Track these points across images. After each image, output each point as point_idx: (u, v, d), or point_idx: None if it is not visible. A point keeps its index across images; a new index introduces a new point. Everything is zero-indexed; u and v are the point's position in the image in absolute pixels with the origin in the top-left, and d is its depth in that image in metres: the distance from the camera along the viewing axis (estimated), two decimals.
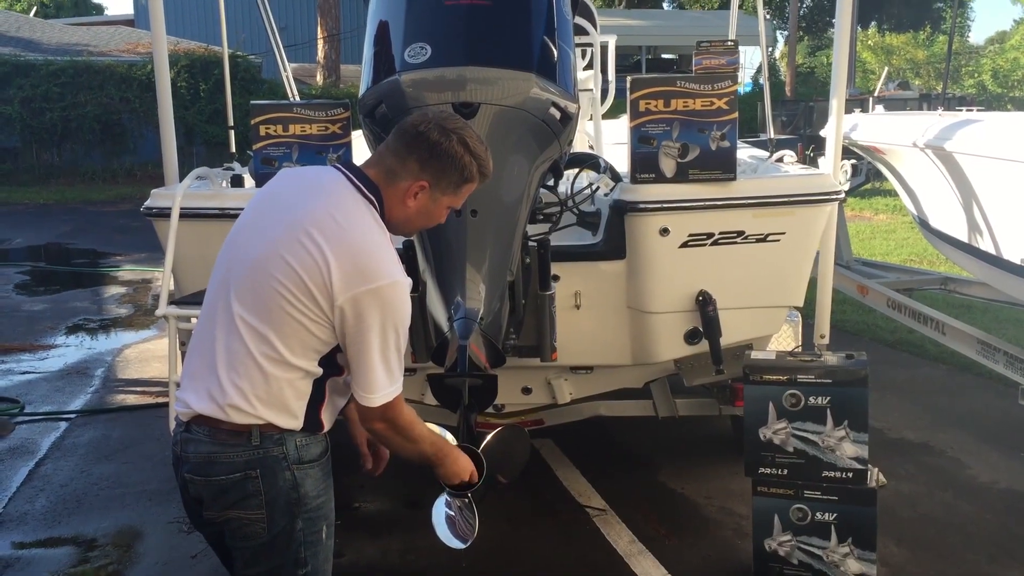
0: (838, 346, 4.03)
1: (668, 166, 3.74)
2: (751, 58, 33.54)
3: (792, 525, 3.70)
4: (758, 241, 3.80)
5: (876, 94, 21.36)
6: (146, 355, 7.60)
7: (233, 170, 4.87)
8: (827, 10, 37.07)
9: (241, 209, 2.48)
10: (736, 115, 3.72)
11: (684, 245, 3.75)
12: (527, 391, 4.29)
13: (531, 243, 3.42)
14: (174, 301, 4.00)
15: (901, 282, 7.13)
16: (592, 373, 4.25)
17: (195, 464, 2.30)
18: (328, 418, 2.39)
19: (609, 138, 5.70)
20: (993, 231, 5.05)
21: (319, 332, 2.23)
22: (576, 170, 4.13)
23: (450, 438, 2.66)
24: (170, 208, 3.94)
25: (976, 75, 36.66)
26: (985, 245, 5.20)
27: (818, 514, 3.65)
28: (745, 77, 29.66)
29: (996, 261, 5.09)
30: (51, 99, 20.80)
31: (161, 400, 6.17)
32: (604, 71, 6.09)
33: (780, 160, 4.62)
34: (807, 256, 3.95)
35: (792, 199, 3.84)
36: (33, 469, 5.21)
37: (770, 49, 33.26)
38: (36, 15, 32.52)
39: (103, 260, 12.71)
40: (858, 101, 17.58)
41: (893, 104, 18.14)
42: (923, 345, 7.11)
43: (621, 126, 4.80)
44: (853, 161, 8.92)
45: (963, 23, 43.54)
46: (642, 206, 3.71)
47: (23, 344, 7.98)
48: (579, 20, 5.02)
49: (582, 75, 5.68)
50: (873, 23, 39.86)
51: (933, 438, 5.49)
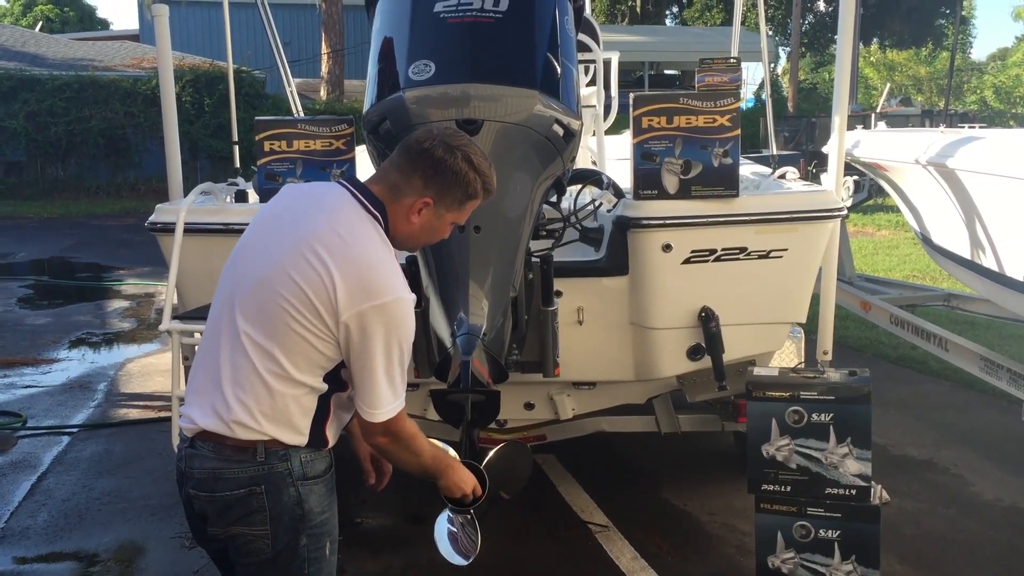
0: (841, 362, 4.03)
1: (671, 182, 3.75)
2: (753, 74, 33.71)
3: (795, 542, 3.68)
4: (761, 257, 3.80)
5: (878, 110, 21.41)
6: (149, 369, 7.60)
7: (237, 185, 4.89)
8: (829, 26, 37.22)
9: (245, 225, 2.48)
10: (739, 132, 3.73)
11: (687, 261, 3.75)
12: (530, 407, 4.28)
13: (534, 259, 3.43)
14: (177, 316, 4.00)
15: (904, 298, 7.13)
16: (595, 389, 4.25)
17: (199, 480, 2.30)
18: (333, 434, 2.39)
19: (612, 154, 5.72)
20: (996, 248, 5.05)
21: (324, 348, 2.23)
22: (579, 186, 4.14)
23: (452, 454, 2.67)
24: (174, 223, 3.96)
25: (978, 92, 36.71)
26: (988, 262, 5.20)
27: (821, 531, 3.64)
28: (747, 93, 29.71)
29: (999, 278, 5.09)
30: (56, 113, 20.89)
31: (164, 415, 6.16)
32: (607, 87, 6.11)
33: (783, 176, 4.63)
34: (810, 272, 3.96)
35: (795, 215, 3.85)
36: (35, 483, 5.21)
37: (772, 65, 33.35)
38: (42, 30, 32.70)
39: (107, 274, 12.73)
40: (860, 117, 17.64)
41: (895, 120, 18.20)
42: (926, 362, 7.10)
43: (624, 142, 4.82)
44: (855, 177, 8.95)
45: (965, 40, 43.64)
46: (645, 222, 3.72)
47: (26, 358, 7.98)
48: (582, 37, 5.04)
49: (585, 91, 5.69)
50: (875, 39, 39.96)
51: (936, 455, 5.47)
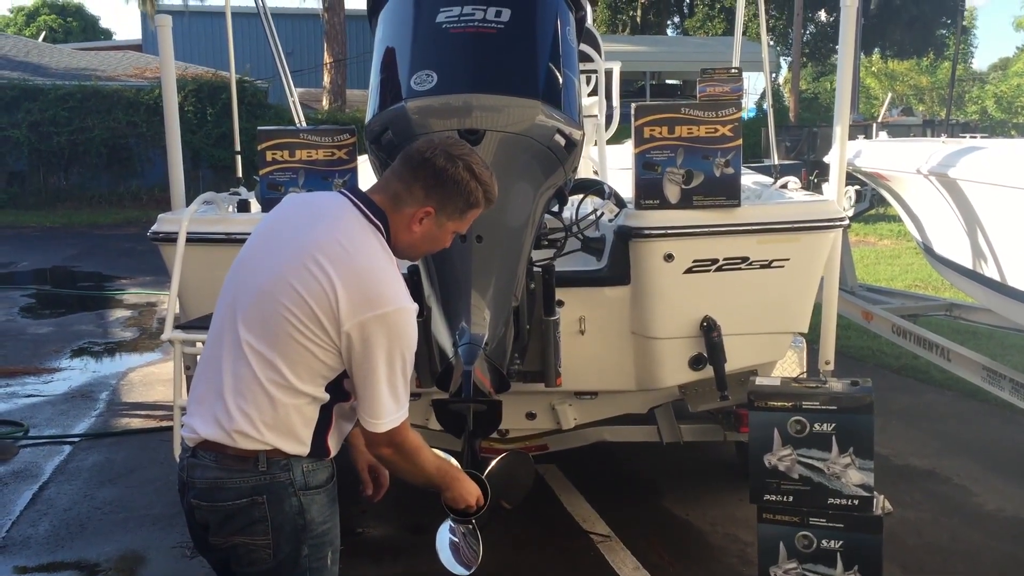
0: (843, 372, 4.02)
1: (672, 192, 3.75)
2: (755, 84, 33.70)
3: (798, 553, 3.67)
4: (762, 267, 3.80)
5: (880, 120, 21.45)
6: (151, 379, 7.60)
7: (240, 195, 4.89)
8: (830, 36, 37.30)
9: (247, 234, 2.48)
10: (740, 142, 3.73)
11: (688, 271, 3.75)
12: (531, 416, 4.28)
13: (536, 268, 3.43)
14: (179, 325, 4.01)
15: (906, 308, 7.12)
16: (596, 398, 4.24)
17: (201, 490, 2.30)
18: (335, 444, 2.39)
19: (614, 164, 5.72)
20: (998, 257, 5.05)
21: (326, 358, 2.23)
22: (581, 196, 4.14)
23: (454, 463, 2.66)
24: (177, 233, 3.96)
25: (979, 101, 36.78)
26: (990, 271, 5.20)
27: (824, 541, 3.62)
28: (749, 103, 29.75)
29: (1001, 287, 5.09)
30: (59, 123, 20.93)
31: (165, 424, 6.16)
32: (609, 97, 6.12)
33: (784, 186, 4.63)
34: (811, 282, 3.95)
35: (796, 225, 3.85)
36: (36, 493, 5.20)
37: (774, 75, 33.39)
38: (45, 40, 32.77)
39: (109, 283, 12.74)
40: (862, 127, 17.67)
41: (897, 130, 18.22)
42: (928, 371, 7.09)
43: (626, 152, 4.82)
44: (857, 187, 8.94)
45: (966, 49, 43.75)
46: (646, 232, 3.72)
47: (28, 367, 7.98)
48: (584, 47, 5.05)
49: (587, 101, 5.71)
50: (876, 49, 40.02)
51: (939, 465, 5.46)
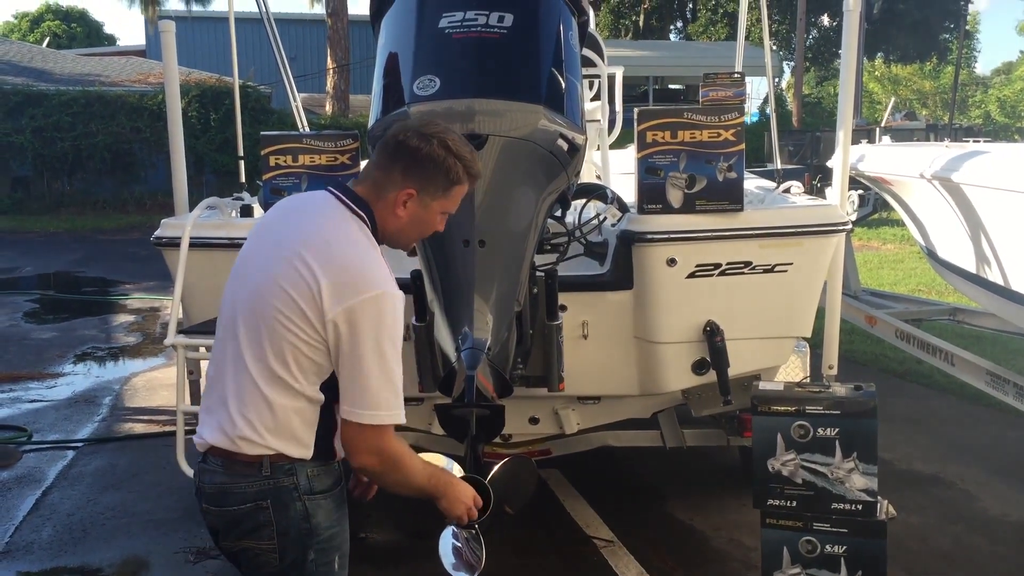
0: (846, 377, 4.02)
1: (675, 197, 3.75)
2: (758, 88, 33.75)
3: (801, 557, 3.66)
4: (765, 272, 3.80)
5: (883, 125, 21.43)
6: (154, 384, 7.60)
7: (243, 200, 4.91)
8: (833, 41, 37.27)
9: None
10: (743, 146, 3.74)
11: (691, 275, 3.75)
12: (534, 421, 4.28)
13: (539, 273, 3.43)
14: (183, 330, 4.01)
15: (909, 312, 7.12)
16: (599, 403, 4.24)
17: (209, 495, 2.32)
18: (340, 446, 2.38)
19: (616, 169, 5.72)
20: (1001, 262, 5.04)
21: (315, 355, 2.22)
22: (583, 200, 4.14)
23: (457, 468, 2.66)
24: (180, 238, 3.97)
25: (982, 106, 36.77)
26: (993, 276, 5.19)
27: (827, 546, 3.61)
28: (752, 107, 29.78)
29: (1004, 292, 5.08)
30: (63, 128, 20.97)
31: (168, 429, 6.16)
32: (611, 102, 6.13)
33: (787, 191, 4.63)
34: (815, 286, 3.95)
35: (799, 230, 3.85)
36: (40, 498, 5.20)
37: (776, 80, 33.40)
38: (49, 46, 32.87)
39: (112, 288, 12.76)
40: (865, 132, 17.63)
41: (900, 135, 18.20)
42: (932, 376, 7.08)
43: (628, 157, 4.82)
44: (860, 191, 8.94)
45: (969, 54, 43.71)
46: (649, 236, 3.72)
47: (31, 372, 7.99)
48: (586, 52, 5.06)
49: (589, 106, 5.71)
50: (879, 54, 40.02)
51: (943, 470, 5.45)
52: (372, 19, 3.79)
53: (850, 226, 4.06)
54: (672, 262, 3.72)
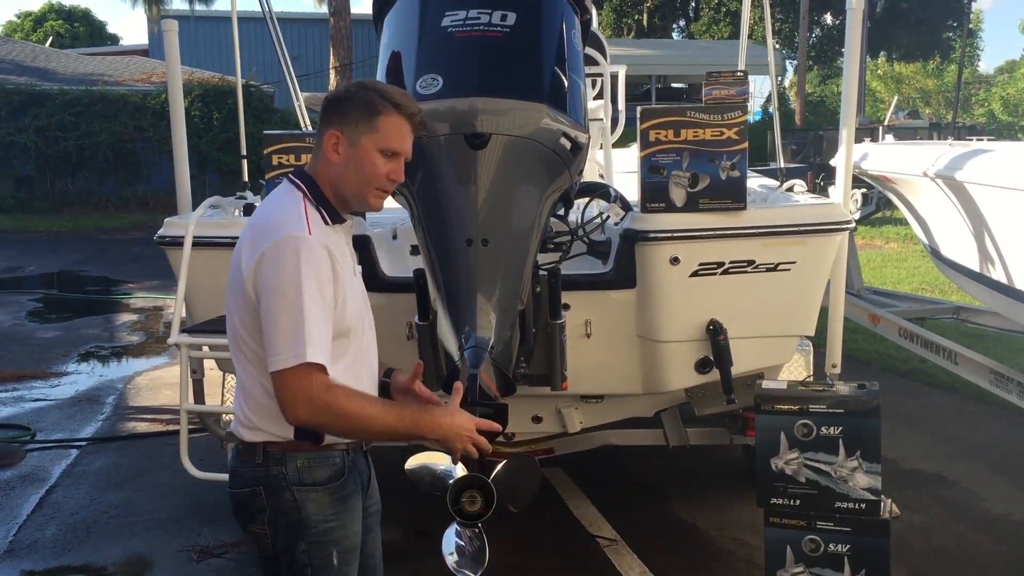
0: (849, 375, 4.01)
1: (678, 195, 3.75)
2: (760, 87, 33.72)
3: (805, 556, 3.66)
4: (768, 270, 3.79)
5: (886, 123, 21.40)
6: (157, 383, 7.61)
7: (246, 199, 4.90)
8: (836, 40, 37.20)
9: None
10: (746, 145, 3.73)
11: (694, 274, 3.75)
12: (537, 420, 4.27)
13: (542, 272, 3.43)
14: (186, 329, 4.01)
15: (913, 311, 7.10)
16: (602, 402, 4.24)
17: (229, 477, 2.43)
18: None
19: (619, 167, 5.72)
20: (1005, 260, 5.03)
21: (258, 323, 2.21)
22: (586, 199, 4.14)
23: (460, 468, 2.66)
24: (183, 237, 3.97)
25: (986, 104, 36.74)
26: (997, 274, 5.18)
27: (831, 545, 3.61)
28: (755, 106, 29.77)
29: (1008, 290, 5.07)
30: (66, 128, 21.02)
31: (172, 428, 6.17)
32: (614, 100, 6.12)
33: (790, 189, 4.63)
34: (818, 285, 3.95)
35: (803, 228, 3.84)
36: (43, 497, 5.22)
37: (779, 78, 33.37)
38: (52, 45, 32.91)
39: (115, 288, 12.78)
40: (868, 130, 17.61)
41: (903, 133, 18.20)
42: (935, 375, 7.07)
43: (631, 155, 4.82)
44: (864, 190, 8.93)
45: (973, 52, 43.64)
46: (652, 235, 3.72)
47: (35, 371, 8.01)
48: (589, 50, 5.06)
49: (592, 105, 5.71)
50: (883, 52, 39.96)
51: (947, 469, 5.44)
52: (375, 18, 3.79)
53: (853, 225, 4.05)
54: (675, 261, 3.72)
